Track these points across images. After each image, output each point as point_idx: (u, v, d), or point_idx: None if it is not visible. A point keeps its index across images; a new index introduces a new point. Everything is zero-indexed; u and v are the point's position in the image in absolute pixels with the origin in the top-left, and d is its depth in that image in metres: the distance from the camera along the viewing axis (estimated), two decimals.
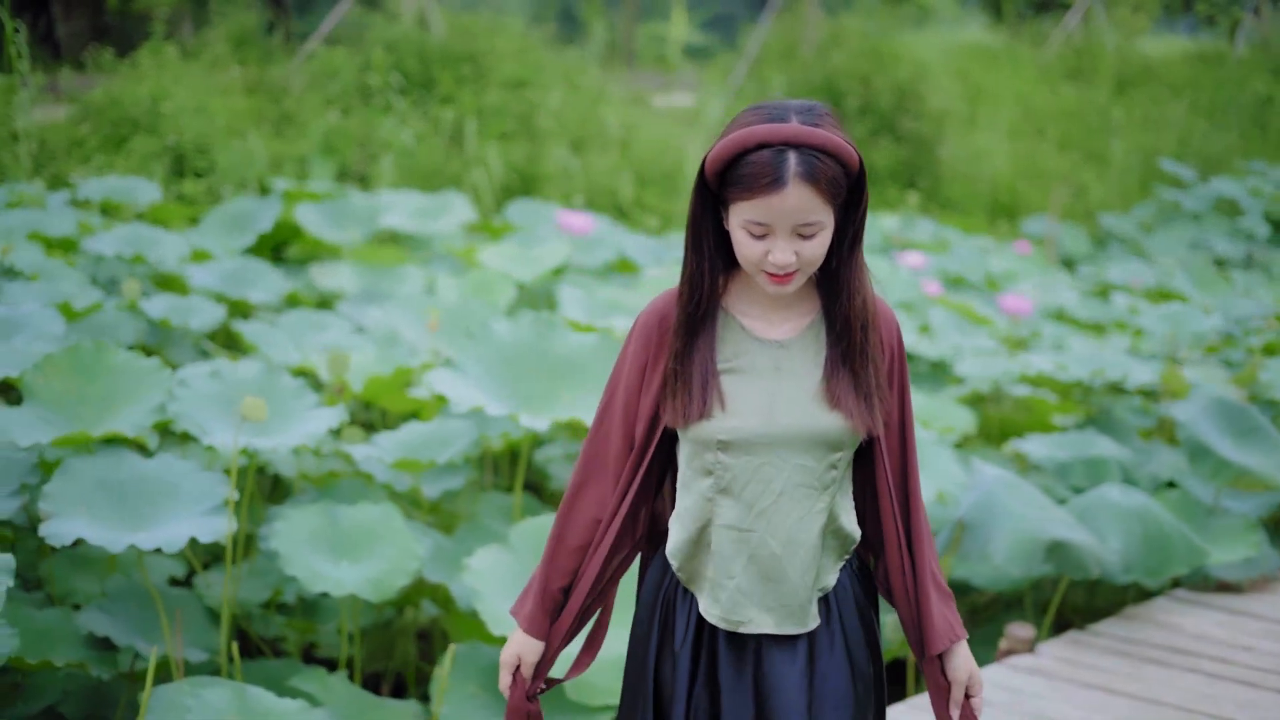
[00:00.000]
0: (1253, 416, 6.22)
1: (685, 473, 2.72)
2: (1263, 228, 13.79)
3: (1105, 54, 17.97)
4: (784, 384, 2.67)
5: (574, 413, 4.76)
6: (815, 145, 2.54)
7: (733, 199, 2.55)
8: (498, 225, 8.89)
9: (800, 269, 2.59)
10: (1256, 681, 5.12)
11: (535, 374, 4.98)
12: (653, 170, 11.49)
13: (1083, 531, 5.33)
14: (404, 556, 4.32)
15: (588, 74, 12.46)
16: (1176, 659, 5.29)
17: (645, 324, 2.72)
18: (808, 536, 2.70)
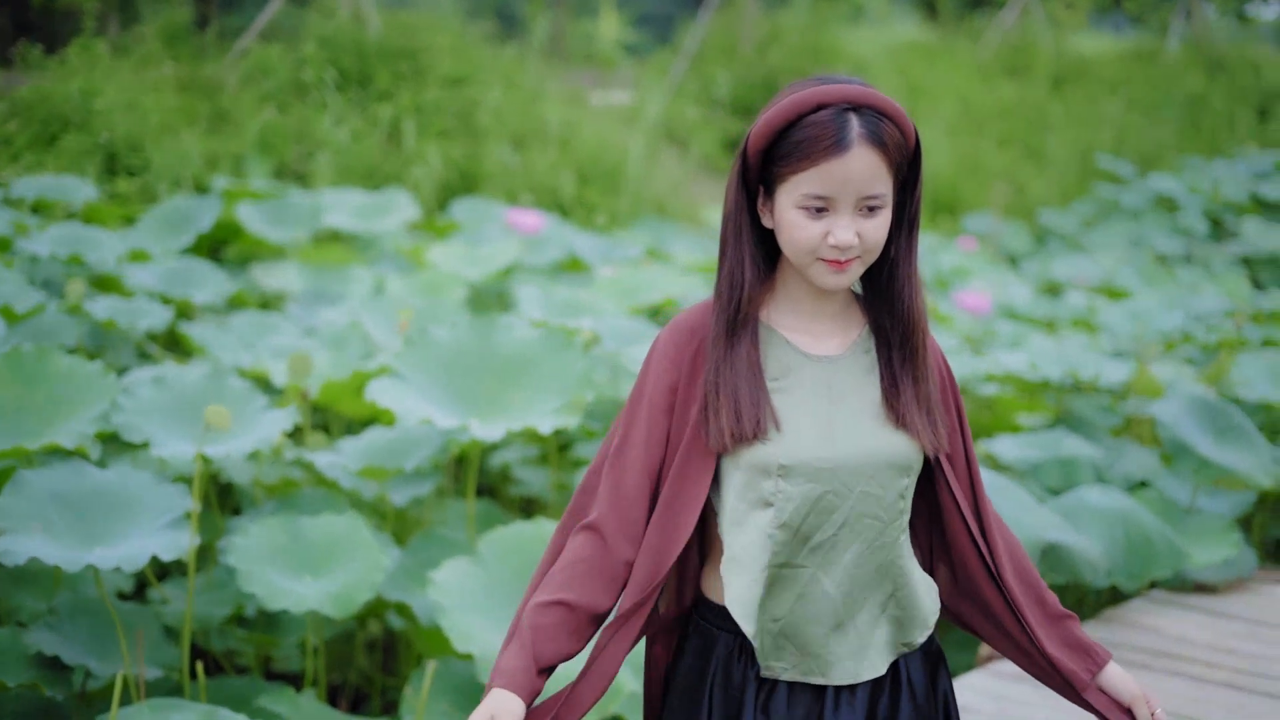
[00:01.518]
0: (1231, 415, 6.14)
1: (737, 508, 2.37)
2: (1201, 224, 13.80)
3: (1041, 51, 17.97)
4: (840, 404, 2.39)
5: (527, 418, 4.56)
6: (878, 107, 2.30)
7: (785, 174, 2.30)
8: (443, 224, 8.70)
9: (861, 256, 2.33)
10: (1243, 685, 5.03)
11: (480, 377, 4.77)
12: (594, 168, 11.33)
13: (1074, 534, 5.22)
14: (369, 570, 4.11)
15: (527, 71, 12.28)
16: (1160, 662, 5.19)
17: (671, 340, 2.42)
18: (866, 574, 2.41)
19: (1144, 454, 6.49)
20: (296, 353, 4.87)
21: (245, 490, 4.96)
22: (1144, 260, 12.20)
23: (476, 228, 8.60)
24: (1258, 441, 6.15)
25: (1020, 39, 18.38)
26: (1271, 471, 6.07)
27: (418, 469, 4.64)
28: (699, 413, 2.36)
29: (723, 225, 2.42)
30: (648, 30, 18.22)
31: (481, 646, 3.89)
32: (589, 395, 4.60)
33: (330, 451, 4.82)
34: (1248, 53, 19.83)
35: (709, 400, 2.35)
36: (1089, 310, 8.99)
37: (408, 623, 4.63)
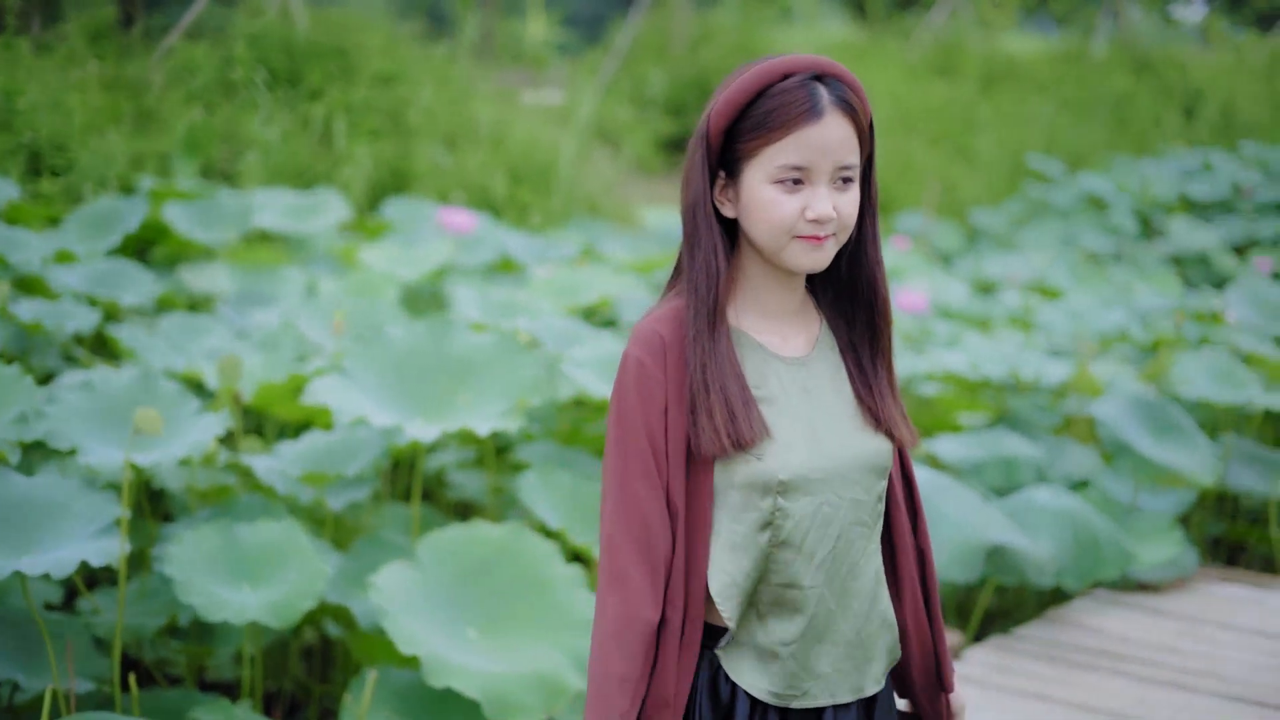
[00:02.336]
0: (1171, 413, 6.14)
1: (734, 530, 2.28)
2: (1130, 223, 13.88)
3: (970, 51, 18.03)
4: (819, 409, 2.32)
5: (473, 419, 4.48)
6: (843, 76, 2.25)
7: (756, 148, 2.22)
8: (374, 224, 8.59)
9: (836, 234, 2.26)
10: (1187, 684, 5.03)
11: (431, 378, 4.69)
12: (526, 167, 11.23)
13: (1020, 535, 5.20)
14: (310, 578, 4.02)
15: (458, 70, 12.17)
16: (1105, 662, 5.18)
17: (643, 359, 2.28)
18: (863, 585, 2.35)
19: (1084, 453, 6.49)
20: (226, 356, 4.76)
21: (177, 496, 4.85)
22: (1075, 259, 12.23)
23: (409, 228, 8.50)
24: (1198, 439, 6.16)
25: (949, 39, 18.43)
26: (1212, 469, 6.08)
27: (360, 474, 4.54)
28: (689, 416, 2.26)
29: (688, 216, 2.32)
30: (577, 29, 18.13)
31: (425, 649, 3.81)
32: (535, 400, 4.53)
33: (268, 456, 4.71)
34: (1173, 53, 19.99)
35: (697, 401, 2.25)
36: (1025, 309, 8.98)
37: (345, 629, 4.54)
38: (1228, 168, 15.43)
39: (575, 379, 4.88)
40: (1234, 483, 6.49)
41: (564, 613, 4.13)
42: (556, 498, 4.75)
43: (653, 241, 10.23)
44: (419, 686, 4.05)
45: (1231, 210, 14.59)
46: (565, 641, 4.05)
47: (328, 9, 11.99)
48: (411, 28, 12.81)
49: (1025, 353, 7.25)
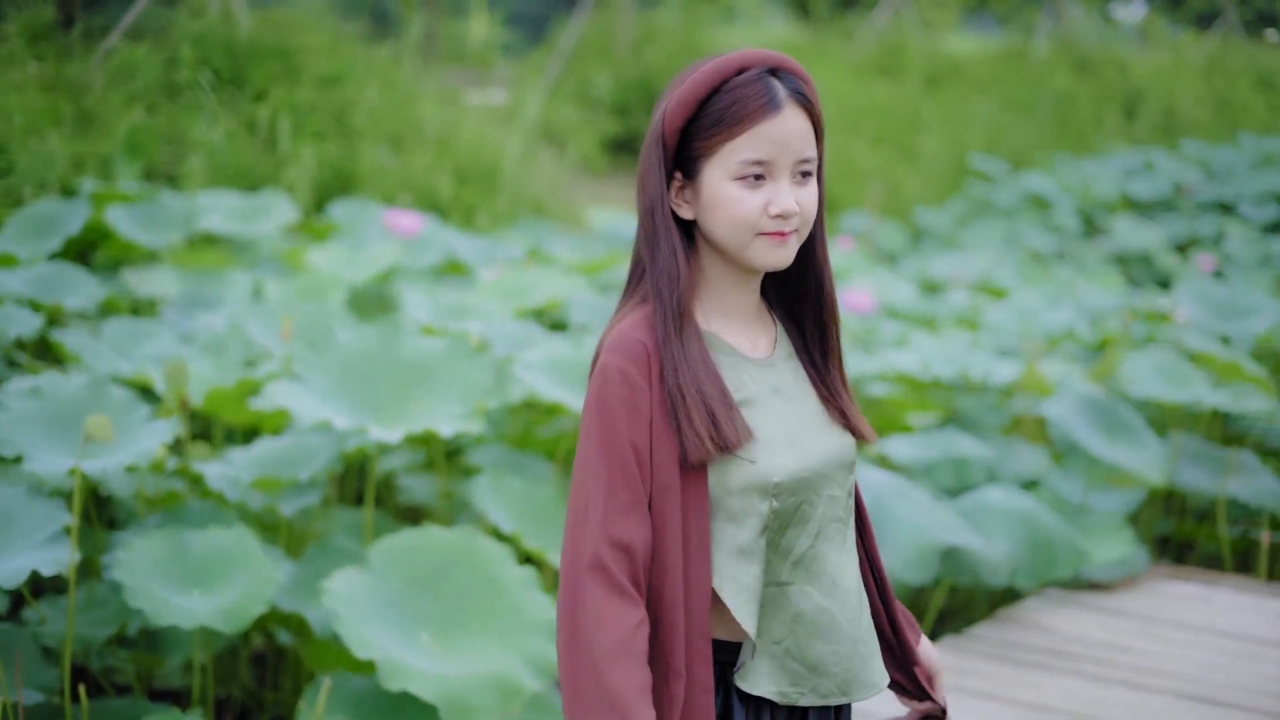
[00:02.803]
0: (1121, 412, 6.17)
1: (739, 536, 2.25)
2: (1073, 222, 13.96)
3: (913, 51, 18.09)
4: (791, 409, 2.31)
5: (428, 422, 4.45)
6: (797, 71, 2.24)
7: (715, 145, 2.20)
8: (320, 226, 8.53)
9: (798, 230, 2.24)
10: (1141, 683, 5.05)
11: (382, 382, 4.66)
12: (471, 168, 11.18)
13: (974, 536, 5.20)
14: (260, 583, 3.98)
15: (402, 71, 12.11)
16: (1058, 662, 5.20)
17: (627, 369, 2.22)
18: (850, 580, 2.34)
19: (1033, 452, 6.51)
20: (172, 361, 4.69)
21: (126, 503, 4.79)
22: (1019, 258, 12.29)
23: (355, 230, 8.44)
24: (1148, 438, 6.18)
25: (892, 39, 18.49)
26: (1162, 468, 6.10)
27: (313, 479, 4.50)
28: (670, 423, 2.22)
29: (645, 219, 2.29)
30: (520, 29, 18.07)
31: (380, 653, 3.78)
32: (492, 403, 4.51)
33: (218, 462, 4.66)
34: (1114, 52, 20.12)
35: (676, 405, 2.21)
36: (972, 309, 9.01)
37: (297, 636, 4.49)
38: (1169, 167, 15.55)
39: (528, 382, 4.85)
40: (1182, 481, 6.52)
41: (518, 615, 4.10)
42: (509, 502, 4.73)
43: (599, 242, 10.21)
44: (374, 692, 4.02)
45: (1173, 209, 14.71)
46: (520, 644, 4.03)
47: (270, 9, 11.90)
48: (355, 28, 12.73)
49: (973, 352, 7.27)
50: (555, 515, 4.80)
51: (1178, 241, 13.94)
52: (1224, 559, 6.71)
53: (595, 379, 2.24)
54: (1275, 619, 5.75)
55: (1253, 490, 6.52)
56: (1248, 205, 14.44)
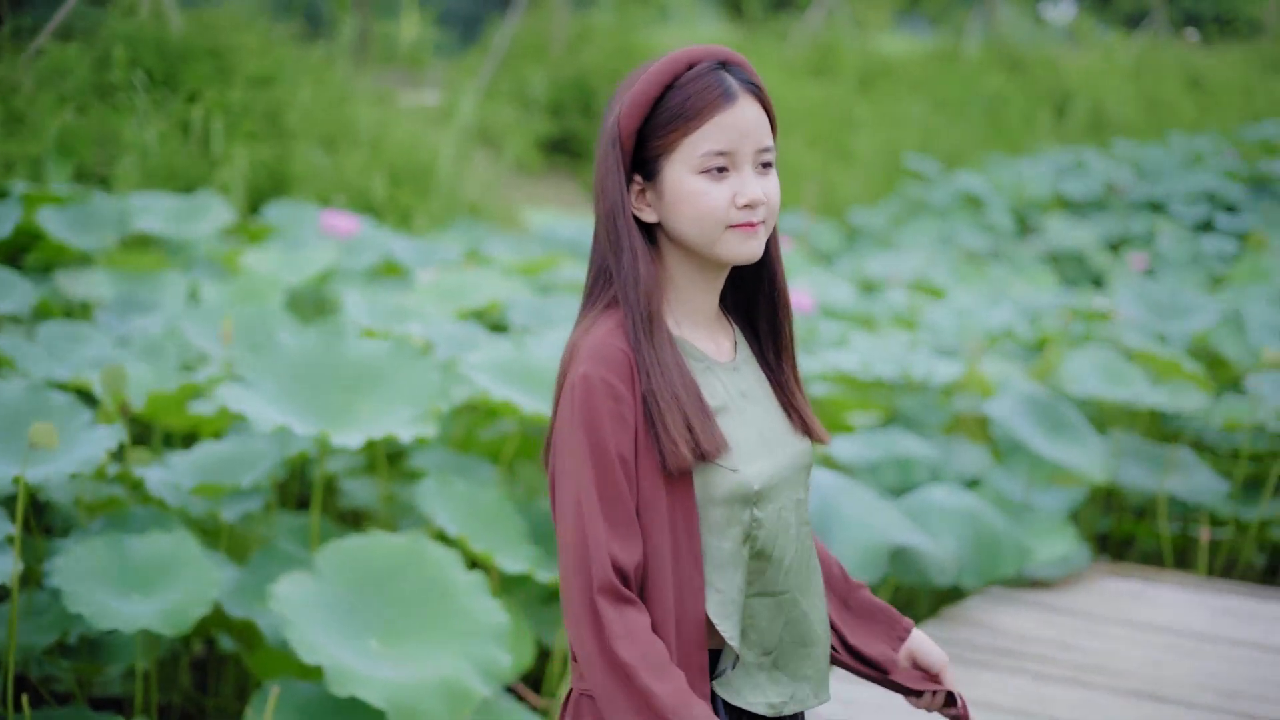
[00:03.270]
0: (1062, 411, 6.20)
1: (722, 546, 2.22)
2: (1007, 221, 14.04)
3: (847, 52, 18.15)
4: (757, 413, 2.29)
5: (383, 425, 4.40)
6: (743, 63, 2.22)
7: (674, 141, 2.17)
8: (256, 228, 8.44)
9: (765, 221, 2.21)
10: (1085, 680, 5.08)
11: (331, 386, 4.61)
12: (406, 169, 11.12)
13: (922, 535, 5.21)
14: (201, 586, 3.93)
15: (335, 71, 12.02)
16: (1003, 660, 5.21)
17: (610, 380, 2.16)
18: (819, 583, 2.33)
19: (975, 451, 6.53)
20: (110, 366, 4.62)
21: (64, 510, 4.71)
22: (954, 257, 12.35)
23: (291, 231, 8.36)
24: (1089, 437, 6.22)
25: (826, 39, 18.54)
26: (1104, 466, 6.14)
27: (255, 484, 4.44)
28: (650, 431, 2.17)
29: (605, 224, 2.25)
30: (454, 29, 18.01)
31: (328, 659, 3.73)
32: (444, 406, 4.47)
33: (159, 468, 4.59)
34: (1044, 53, 20.27)
35: (652, 412, 2.16)
36: (911, 308, 9.03)
37: (241, 642, 4.44)
38: (1100, 166, 15.67)
39: (479, 384, 4.81)
40: (1123, 479, 6.57)
41: (468, 620, 4.07)
42: (454, 505, 4.68)
43: (537, 243, 10.17)
44: (321, 699, 3.97)
45: (1105, 208, 14.82)
46: (470, 649, 3.99)
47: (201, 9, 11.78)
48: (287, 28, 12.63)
49: (913, 352, 7.28)
50: (501, 518, 4.76)
51: (1110, 240, 14.04)
52: (1163, 555, 6.75)
53: (576, 390, 2.17)
54: (1215, 614, 5.79)
55: (1191, 487, 6.57)
56: (1178, 204, 14.57)
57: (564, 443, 2.18)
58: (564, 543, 2.17)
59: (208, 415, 4.94)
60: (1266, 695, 4.99)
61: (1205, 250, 12.94)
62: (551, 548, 5.02)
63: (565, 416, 2.18)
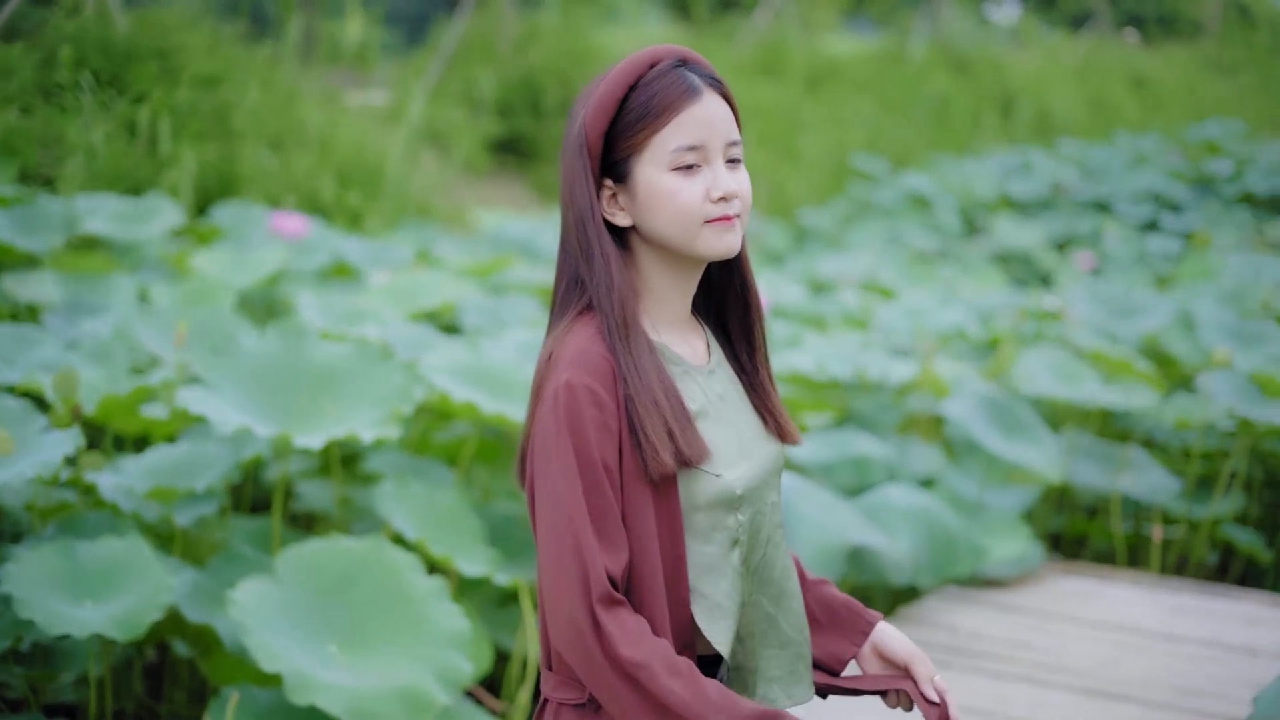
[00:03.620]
0: (1017, 411, 6.22)
1: (707, 552, 2.21)
2: (954, 221, 14.10)
3: (794, 52, 18.18)
4: (734, 417, 2.28)
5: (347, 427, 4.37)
6: (703, 62, 2.22)
7: (643, 140, 2.16)
8: (205, 229, 8.38)
9: (740, 215, 2.20)
10: (1041, 679, 5.09)
11: (293, 389, 4.57)
12: (355, 170, 11.06)
13: (879, 535, 5.21)
14: (154, 590, 3.88)
15: (282, 71, 11.95)
16: (960, 660, 5.22)
17: (595, 388, 2.14)
18: (793, 585, 2.31)
19: (929, 451, 6.54)
20: (62, 369, 4.57)
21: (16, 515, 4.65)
22: (903, 257, 12.38)
23: (240, 233, 8.30)
24: (1044, 436, 6.24)
25: (773, 40, 18.56)
26: (1059, 465, 6.16)
27: (209, 489, 4.40)
28: (632, 438, 2.15)
29: (575, 232, 2.24)
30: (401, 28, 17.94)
31: (287, 666, 3.69)
32: (408, 409, 4.43)
33: (111, 472, 4.54)
34: (989, 53, 20.37)
35: (633, 418, 2.14)
36: (863, 309, 9.04)
37: (196, 648, 4.39)
38: (1046, 166, 15.76)
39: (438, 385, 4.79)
40: (1076, 478, 6.60)
41: (428, 626, 4.04)
42: (412, 508, 4.66)
43: (487, 244, 10.14)
44: (279, 705, 3.94)
45: (1051, 208, 14.90)
46: (430, 655, 3.96)
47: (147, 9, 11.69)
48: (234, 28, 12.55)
49: (866, 352, 7.29)
50: (459, 520, 4.74)
51: (1057, 240, 14.12)
52: (1116, 554, 6.79)
53: (559, 398, 2.14)
54: (1168, 613, 5.82)
55: (1144, 486, 6.61)
56: (1124, 204, 14.67)
57: (547, 451, 2.15)
58: (552, 553, 2.13)
59: (160, 419, 4.89)
60: (1221, 692, 5.02)
61: (1151, 250, 13.03)
62: (509, 550, 5.00)
63: (547, 424, 2.15)
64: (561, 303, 2.29)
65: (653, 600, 2.17)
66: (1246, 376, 6.71)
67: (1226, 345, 7.59)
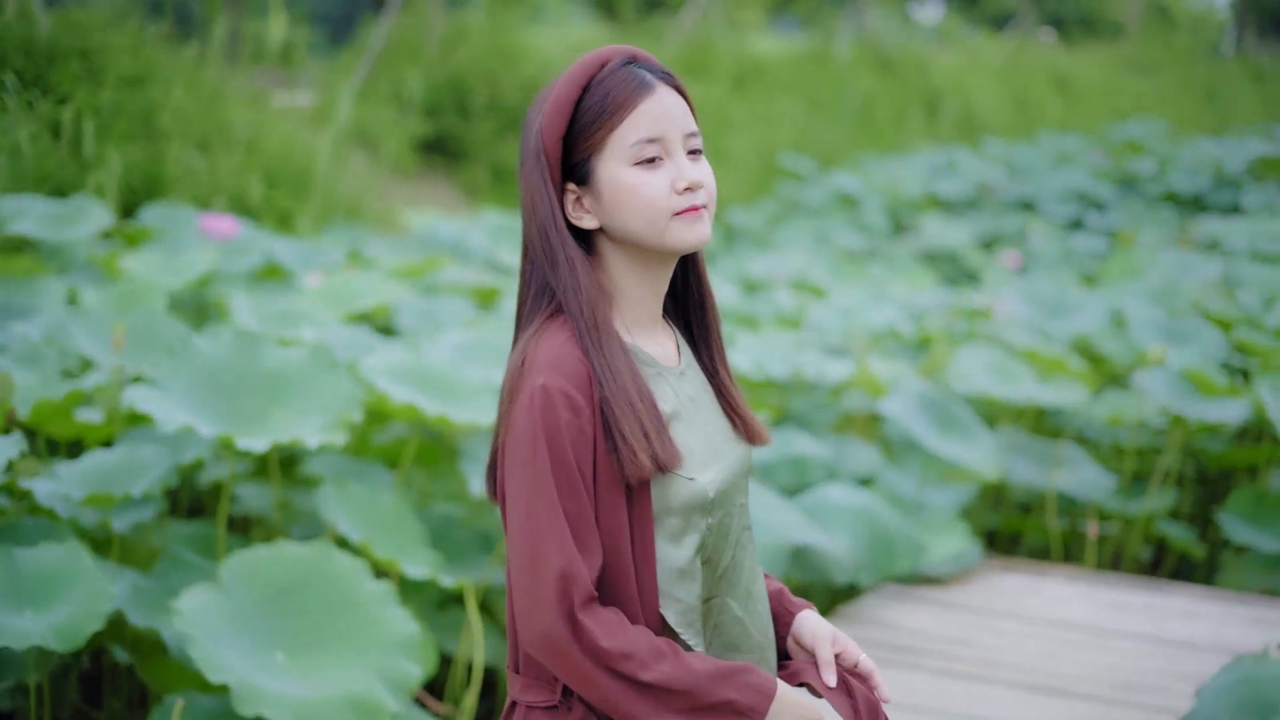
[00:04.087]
0: (954, 409, 6.25)
1: (680, 555, 2.20)
2: (882, 220, 14.16)
3: (721, 52, 18.21)
4: (705, 419, 2.27)
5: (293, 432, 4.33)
6: (652, 59, 2.25)
7: (602, 138, 2.16)
8: (134, 231, 8.28)
9: (707, 205, 2.20)
10: (982, 675, 5.11)
11: (241, 392, 4.51)
12: (282, 171, 10.98)
13: (821, 534, 5.22)
14: (95, 599, 3.81)
15: (208, 71, 11.83)
16: (901, 657, 5.23)
17: (571, 394, 2.13)
18: (760, 587, 2.31)
19: (866, 450, 6.56)
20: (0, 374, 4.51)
21: None
22: (832, 256, 12.43)
23: (170, 234, 8.22)
24: (981, 434, 6.27)
25: (700, 40, 18.59)
26: (996, 463, 6.20)
27: (146, 493, 4.33)
28: (608, 443, 2.14)
29: (539, 239, 2.22)
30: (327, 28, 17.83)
31: (233, 676, 3.64)
32: (357, 414, 4.39)
33: (47, 478, 4.47)
34: (914, 53, 20.50)
35: (610, 420, 2.13)
36: (797, 308, 9.05)
37: (137, 655, 4.33)
38: (972, 165, 15.88)
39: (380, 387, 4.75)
40: (1012, 476, 6.64)
41: (376, 632, 4.00)
42: (354, 510, 4.61)
43: (416, 245, 10.09)
44: (223, 713, 3.89)
45: (977, 207, 15.02)
46: (379, 662, 3.92)
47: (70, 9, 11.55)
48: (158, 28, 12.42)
49: (801, 352, 7.31)
50: (401, 523, 4.70)
51: (983, 239, 14.23)
52: (1051, 550, 6.83)
53: (535, 402, 2.13)
54: (1106, 608, 5.86)
55: (1079, 483, 6.66)
56: (1049, 203, 14.80)
57: (522, 456, 2.14)
58: (526, 557, 2.12)
59: (95, 423, 4.82)
60: (1162, 686, 5.06)
61: (1076, 248, 13.15)
62: (451, 552, 4.97)
63: (522, 428, 2.14)
64: (529, 310, 2.27)
65: (624, 604, 2.16)
66: (1180, 374, 6.77)
67: (1157, 343, 7.66)
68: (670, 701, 2.09)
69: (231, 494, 5.55)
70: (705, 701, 2.09)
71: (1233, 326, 8.25)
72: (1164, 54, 23.28)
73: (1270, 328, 8.00)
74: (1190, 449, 7.15)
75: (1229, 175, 14.99)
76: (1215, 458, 7.04)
